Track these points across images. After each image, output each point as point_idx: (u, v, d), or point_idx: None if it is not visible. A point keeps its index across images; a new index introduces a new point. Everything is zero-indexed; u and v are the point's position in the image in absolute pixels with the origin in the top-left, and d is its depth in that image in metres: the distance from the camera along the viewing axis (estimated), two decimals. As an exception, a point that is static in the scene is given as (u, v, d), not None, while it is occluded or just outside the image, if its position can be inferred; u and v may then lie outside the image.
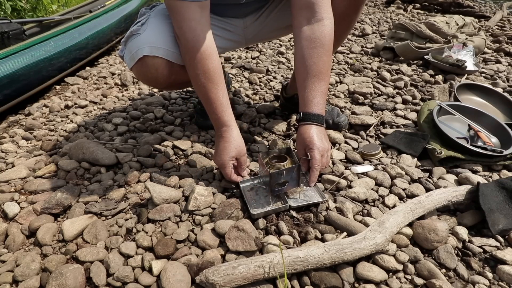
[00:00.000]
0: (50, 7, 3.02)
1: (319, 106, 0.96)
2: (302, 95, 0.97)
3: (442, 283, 0.67)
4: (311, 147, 0.92)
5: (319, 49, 0.94)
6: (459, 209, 0.88)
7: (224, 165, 0.94)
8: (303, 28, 0.95)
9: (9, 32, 1.86)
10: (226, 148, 0.94)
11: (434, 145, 1.08)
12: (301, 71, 0.96)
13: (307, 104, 0.96)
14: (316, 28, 0.94)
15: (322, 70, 0.95)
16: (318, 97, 0.96)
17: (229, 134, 0.95)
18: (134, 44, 0.96)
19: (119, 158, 1.10)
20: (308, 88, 0.95)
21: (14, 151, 1.24)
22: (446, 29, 2.18)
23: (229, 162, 0.93)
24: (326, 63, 0.96)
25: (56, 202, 0.90)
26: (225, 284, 0.65)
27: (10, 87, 1.54)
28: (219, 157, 0.95)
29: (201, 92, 0.94)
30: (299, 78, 0.98)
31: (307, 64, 0.95)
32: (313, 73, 0.94)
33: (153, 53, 0.94)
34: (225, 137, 0.95)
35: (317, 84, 0.95)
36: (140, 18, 1.04)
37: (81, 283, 0.70)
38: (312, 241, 0.78)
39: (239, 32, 1.18)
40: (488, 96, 1.43)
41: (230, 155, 0.93)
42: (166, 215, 0.86)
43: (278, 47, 2.35)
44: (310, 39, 0.94)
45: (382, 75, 1.77)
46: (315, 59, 0.94)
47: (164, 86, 1.08)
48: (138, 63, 0.97)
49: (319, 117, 0.95)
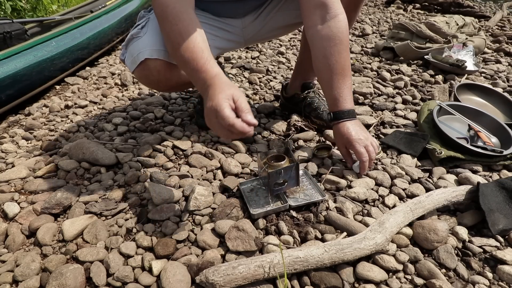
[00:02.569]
0: (50, 7, 3.02)
1: (348, 102, 0.97)
2: (330, 95, 0.98)
3: (442, 283, 0.67)
4: (351, 143, 0.94)
5: (339, 46, 0.95)
6: (459, 209, 0.88)
7: (219, 106, 0.67)
8: (319, 27, 0.95)
9: (11, 32, 1.86)
10: (217, 89, 0.72)
11: (434, 145, 1.08)
12: (324, 70, 0.97)
13: (336, 103, 0.98)
14: (332, 25, 0.94)
15: (344, 67, 0.97)
16: (345, 93, 0.97)
17: (218, 80, 0.75)
18: (135, 47, 0.96)
19: (119, 158, 1.10)
20: (334, 87, 0.97)
21: (14, 151, 1.24)
22: (446, 29, 2.18)
23: (225, 100, 0.68)
24: (347, 59, 0.98)
25: (56, 202, 0.90)
26: (225, 284, 0.65)
27: (13, 87, 1.54)
28: (211, 101, 0.70)
29: (180, 56, 0.81)
30: (323, 77, 0.98)
31: (330, 63, 0.95)
32: (336, 71, 0.96)
33: (154, 56, 0.94)
34: (214, 84, 0.74)
35: (342, 82, 0.97)
36: (139, 21, 1.04)
37: (81, 283, 0.70)
38: (312, 241, 0.78)
39: (238, 32, 1.18)
40: (488, 96, 1.43)
41: (225, 94, 0.70)
42: (166, 215, 0.86)
43: (278, 47, 2.35)
44: (329, 37, 0.94)
45: (382, 75, 1.77)
46: (337, 57, 0.95)
47: (166, 88, 1.09)
48: (140, 66, 0.96)
49: (349, 112, 0.98)
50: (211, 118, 0.70)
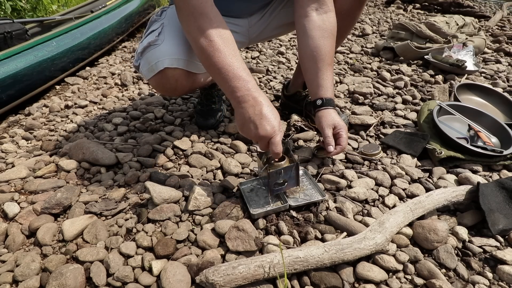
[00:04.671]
0: (50, 7, 3.01)
1: (333, 92, 1.04)
2: (319, 82, 1.02)
3: (442, 283, 0.67)
4: (340, 128, 0.99)
5: (331, 39, 1.00)
6: (459, 209, 0.88)
7: (276, 132, 0.78)
8: (313, 18, 0.99)
9: (12, 32, 1.86)
10: (275, 112, 0.79)
11: (434, 145, 1.08)
12: (315, 59, 1.00)
13: (327, 90, 1.02)
14: (325, 18, 0.99)
15: (332, 59, 1.03)
16: (332, 84, 1.04)
17: (267, 99, 0.81)
18: (153, 55, 0.94)
19: (119, 158, 1.10)
20: (325, 75, 1.01)
21: (14, 151, 1.24)
22: (446, 29, 2.18)
23: (279, 128, 0.79)
24: (333, 52, 1.04)
25: (56, 202, 0.90)
26: (225, 284, 0.65)
27: (14, 87, 1.54)
28: (271, 120, 0.78)
29: (215, 62, 0.81)
30: (312, 66, 1.01)
31: (322, 53, 0.99)
32: (327, 62, 1.00)
33: (174, 65, 0.94)
34: (263, 100, 0.79)
35: (330, 73, 1.02)
36: (153, 26, 1.02)
37: (81, 283, 0.70)
38: (312, 241, 0.78)
39: (244, 32, 1.17)
40: (488, 96, 1.43)
41: (278, 118, 0.80)
42: (166, 215, 0.86)
43: (278, 47, 2.35)
44: (322, 29, 0.99)
45: (382, 75, 1.77)
46: (328, 48, 1.00)
47: (179, 95, 1.10)
48: (157, 75, 0.95)
49: (334, 102, 1.05)
50: (250, 128, 0.79)
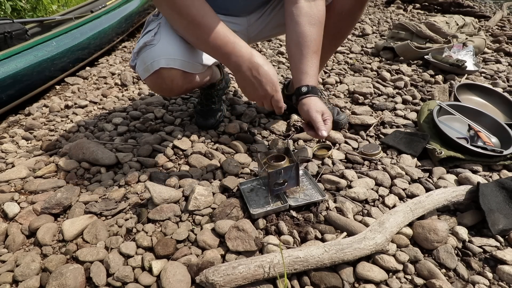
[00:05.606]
0: (50, 7, 3.02)
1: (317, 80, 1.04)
2: (303, 69, 1.00)
3: (442, 283, 0.67)
4: (328, 116, 0.99)
5: (318, 27, 0.99)
6: (459, 209, 0.88)
7: (277, 89, 0.88)
8: (301, 4, 0.98)
9: (11, 32, 1.86)
10: (271, 69, 0.88)
11: (434, 145, 1.08)
12: (301, 45, 0.99)
13: (312, 77, 1.01)
14: (313, 6, 0.98)
15: (319, 47, 1.01)
16: (316, 72, 1.02)
17: (261, 57, 0.89)
18: (148, 55, 0.94)
19: (119, 158, 1.10)
20: (310, 62, 1.00)
21: (14, 151, 1.24)
22: (446, 29, 2.18)
23: (278, 85, 0.89)
24: (321, 40, 1.02)
25: (56, 202, 0.90)
26: (225, 284, 0.65)
27: (13, 87, 1.54)
28: (270, 78, 0.87)
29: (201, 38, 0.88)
30: (297, 52, 1.00)
31: (308, 40, 0.98)
32: (314, 49, 0.99)
33: (170, 65, 0.93)
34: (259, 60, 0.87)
35: (316, 60, 1.00)
36: (149, 26, 1.02)
37: (81, 283, 0.70)
38: (312, 241, 0.78)
39: (243, 31, 1.17)
40: (488, 96, 1.43)
41: (276, 74, 0.89)
42: (166, 215, 0.86)
43: (278, 47, 2.35)
44: (309, 15, 0.98)
45: (382, 75, 1.77)
46: (315, 35, 0.98)
47: (176, 95, 1.10)
48: (153, 75, 0.95)
49: (318, 90, 1.03)
50: (251, 90, 0.90)
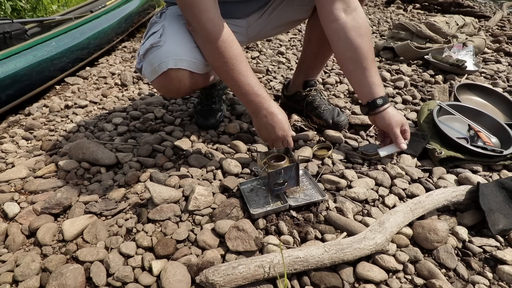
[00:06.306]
0: (50, 7, 3.01)
1: (382, 87, 1.04)
2: (371, 81, 1.01)
3: (442, 283, 0.67)
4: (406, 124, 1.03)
5: (368, 35, 0.99)
6: (459, 209, 0.88)
7: (288, 134, 0.99)
8: (344, 20, 0.97)
9: (11, 32, 1.86)
10: (284, 118, 0.99)
11: (434, 145, 1.08)
12: (358, 60, 0.99)
13: (381, 86, 1.02)
14: (356, 16, 0.98)
15: (374, 54, 1.02)
16: (380, 79, 1.03)
17: (277, 107, 0.99)
18: (156, 57, 0.94)
19: (119, 158, 1.10)
20: (373, 73, 1.01)
21: (14, 151, 1.24)
22: (446, 29, 2.18)
23: (291, 130, 1.01)
24: (372, 47, 1.04)
25: (56, 202, 0.90)
26: (225, 284, 0.65)
27: (13, 87, 1.54)
28: (282, 126, 0.98)
29: (231, 78, 0.95)
30: (357, 67, 1.00)
31: (364, 52, 0.99)
32: (371, 58, 1.00)
33: (178, 66, 0.94)
34: (274, 110, 0.98)
35: (376, 69, 1.03)
36: (153, 28, 1.02)
37: (81, 283, 0.70)
38: (312, 241, 0.78)
39: (242, 32, 1.17)
40: (488, 96, 1.43)
41: (288, 122, 1.01)
42: (166, 215, 0.86)
43: (278, 47, 2.35)
44: (356, 28, 0.98)
45: (382, 75, 1.77)
46: (368, 45, 0.99)
47: (182, 95, 1.10)
48: (161, 76, 0.95)
49: (386, 97, 1.04)
50: (266, 133, 1.01)
